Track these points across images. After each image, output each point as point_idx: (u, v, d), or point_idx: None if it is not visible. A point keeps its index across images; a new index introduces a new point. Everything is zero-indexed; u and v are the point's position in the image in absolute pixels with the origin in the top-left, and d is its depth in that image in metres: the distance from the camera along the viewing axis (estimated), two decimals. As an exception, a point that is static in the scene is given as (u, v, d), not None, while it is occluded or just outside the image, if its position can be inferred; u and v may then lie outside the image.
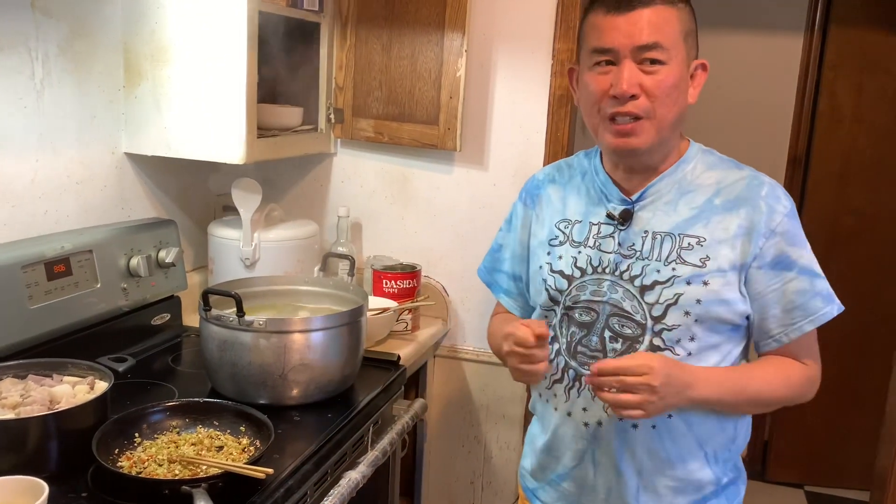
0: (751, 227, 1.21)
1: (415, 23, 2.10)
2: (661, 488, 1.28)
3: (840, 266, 3.27)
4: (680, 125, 1.25)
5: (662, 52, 1.17)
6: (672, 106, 1.20)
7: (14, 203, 1.58)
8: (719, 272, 1.20)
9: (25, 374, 1.36)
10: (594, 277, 1.28)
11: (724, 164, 1.30)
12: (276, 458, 1.32)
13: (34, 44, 1.57)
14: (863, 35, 3.08)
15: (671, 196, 1.26)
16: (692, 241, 1.22)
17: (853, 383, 3.33)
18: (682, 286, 1.21)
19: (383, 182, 2.29)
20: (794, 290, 1.22)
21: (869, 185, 3.20)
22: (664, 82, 1.18)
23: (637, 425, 1.25)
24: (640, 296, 1.23)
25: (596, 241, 1.29)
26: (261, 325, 1.51)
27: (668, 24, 1.17)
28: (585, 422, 1.28)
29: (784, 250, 1.21)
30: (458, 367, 2.30)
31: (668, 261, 1.22)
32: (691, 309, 1.20)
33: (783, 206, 1.22)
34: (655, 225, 1.25)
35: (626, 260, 1.25)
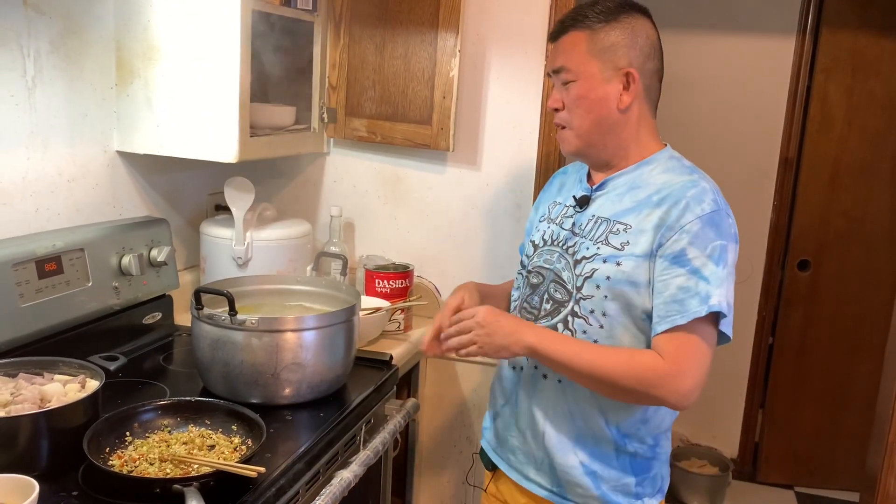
0: (665, 219, 1.31)
1: (408, 22, 2.10)
2: (563, 436, 1.42)
3: (830, 267, 3.30)
4: (610, 129, 1.39)
5: (567, 72, 1.38)
6: (585, 114, 1.38)
7: (5, 201, 1.57)
8: (632, 256, 1.33)
9: (16, 373, 1.35)
10: (549, 248, 1.47)
11: (680, 170, 1.39)
12: (267, 457, 1.32)
13: (26, 41, 1.56)
14: (854, 38, 3.10)
15: (622, 189, 1.40)
16: (620, 227, 1.36)
17: (843, 384, 3.35)
18: (599, 263, 1.36)
19: (376, 182, 2.29)
20: (678, 286, 1.28)
21: (859, 187, 3.22)
22: (573, 96, 1.38)
23: (546, 375, 1.42)
24: (573, 267, 1.40)
25: (561, 220, 1.48)
26: (253, 324, 1.50)
27: (574, 46, 1.37)
28: (513, 365, 1.50)
29: (684, 248, 1.29)
30: (450, 367, 2.30)
31: (597, 240, 1.38)
32: (601, 284, 1.35)
33: (701, 209, 1.30)
34: (602, 211, 1.41)
35: (574, 237, 1.43)
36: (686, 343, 1.28)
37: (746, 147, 3.27)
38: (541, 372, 1.44)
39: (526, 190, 2.16)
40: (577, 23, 1.38)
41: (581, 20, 1.37)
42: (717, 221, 1.30)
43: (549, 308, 1.43)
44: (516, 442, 1.50)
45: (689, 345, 1.28)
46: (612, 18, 1.36)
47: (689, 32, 3.26)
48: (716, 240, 1.29)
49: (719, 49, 3.26)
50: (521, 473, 1.50)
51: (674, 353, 1.28)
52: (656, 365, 1.28)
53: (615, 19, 1.36)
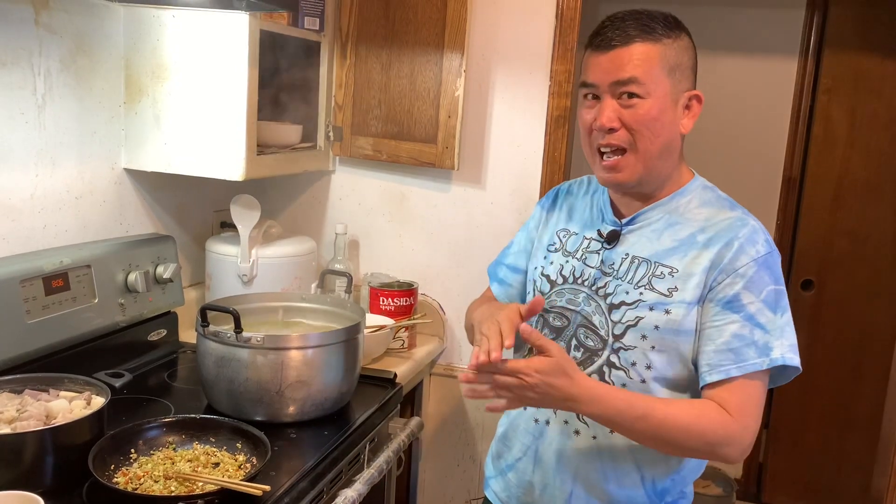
0: (717, 262, 1.21)
1: (414, 43, 2.12)
2: (592, 497, 1.31)
3: (833, 287, 3.30)
4: (670, 156, 1.27)
5: (639, 86, 1.21)
6: (654, 138, 1.23)
7: (13, 217, 1.58)
8: (682, 304, 1.22)
9: (22, 389, 1.35)
10: (573, 287, 1.34)
11: (719, 203, 1.30)
12: (272, 476, 1.32)
13: (37, 59, 1.58)
14: (857, 59, 3.12)
15: (659, 225, 1.29)
16: (665, 271, 1.25)
17: (847, 404, 3.33)
18: (644, 310, 1.24)
19: (381, 200, 2.30)
20: (732, 333, 1.19)
21: (862, 207, 3.23)
22: (643, 115, 1.21)
23: (579, 431, 1.29)
24: (608, 313, 1.28)
25: (583, 255, 1.35)
26: (258, 341, 1.51)
27: (647, 60, 1.21)
28: (536, 418, 1.35)
29: (738, 292, 1.19)
30: (455, 385, 2.30)
31: (638, 284, 1.26)
32: (648, 334, 1.23)
33: (756, 251, 1.21)
34: (637, 249, 1.29)
35: (605, 277, 1.30)
36: (748, 397, 1.19)
37: (750, 166, 3.28)
38: (572, 427, 1.30)
39: (530, 209, 2.17)
40: (645, 34, 1.21)
41: (650, 32, 1.21)
42: (771, 264, 1.22)
43: (579, 357, 1.30)
44: (532, 500, 1.38)
45: (752, 399, 1.19)
46: (677, 36, 1.24)
47: (693, 53, 3.29)
48: (770, 284, 1.20)
49: (723, 69, 3.28)
50: None
51: (738, 407, 1.18)
52: (725, 423, 1.17)
53: (680, 37, 1.24)
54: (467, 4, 2.05)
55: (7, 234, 1.57)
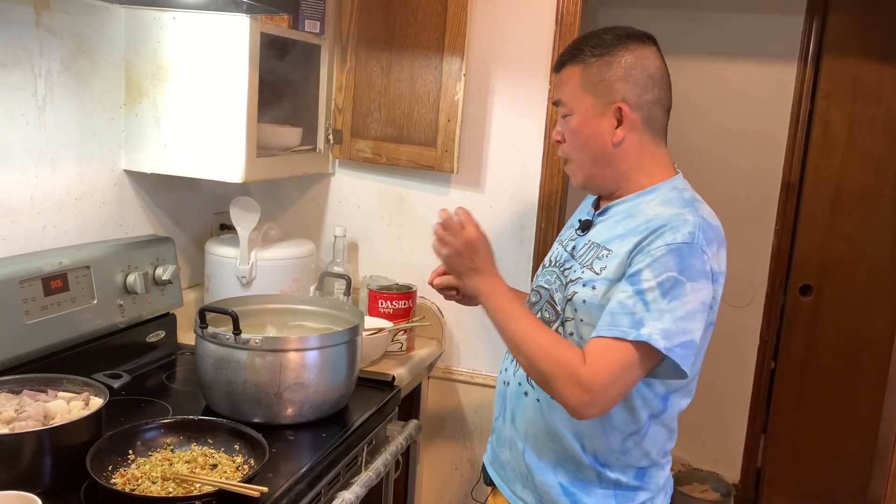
0: (639, 244, 1.29)
1: (414, 46, 2.12)
2: (543, 457, 1.43)
3: (832, 292, 3.30)
4: (608, 162, 1.39)
5: (563, 106, 1.41)
6: (581, 148, 1.40)
7: (13, 218, 1.58)
8: (606, 280, 1.32)
9: (20, 390, 1.36)
10: (550, 269, 1.50)
11: (676, 203, 1.34)
12: (270, 477, 1.32)
13: (37, 61, 1.59)
14: (856, 65, 3.12)
15: (620, 217, 1.40)
16: (603, 253, 1.37)
17: (845, 410, 3.33)
18: (579, 287, 1.37)
19: (380, 202, 2.31)
20: (618, 300, 1.26)
21: (861, 212, 3.23)
22: (570, 129, 1.41)
23: (527, 393, 1.44)
24: (564, 289, 1.41)
25: (567, 243, 1.50)
26: (257, 343, 1.51)
27: (569, 80, 1.39)
28: (505, 381, 1.52)
29: (640, 269, 1.26)
30: (453, 388, 2.30)
31: (583, 265, 1.39)
32: (578, 307, 1.36)
33: (673, 238, 1.26)
34: (596, 237, 1.42)
35: (571, 260, 1.44)
36: (606, 357, 1.23)
37: (748, 172, 3.28)
38: (523, 389, 1.45)
39: (529, 213, 2.17)
40: (572, 57, 1.39)
41: (576, 55, 1.39)
42: (685, 254, 1.25)
43: None
44: (505, 457, 1.52)
45: (609, 360, 1.23)
46: (605, 53, 1.36)
47: (692, 58, 3.29)
48: (672, 271, 1.24)
49: (722, 75, 3.29)
50: (510, 489, 1.51)
51: (592, 361, 1.23)
52: (574, 366, 1.23)
53: (609, 53, 1.36)
54: (467, 8, 2.06)
55: (6, 235, 1.57)
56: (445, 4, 2.06)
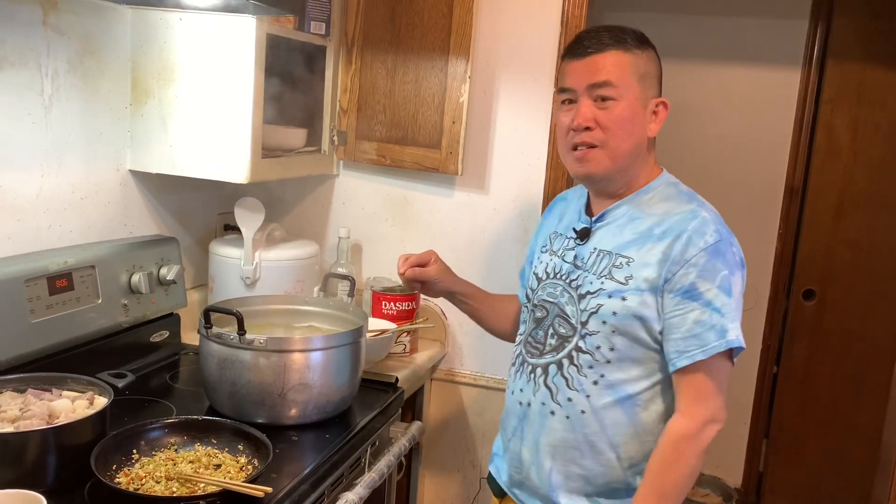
0: (669, 253, 1.31)
1: (420, 48, 2.12)
2: (570, 472, 1.41)
3: (835, 297, 3.29)
4: (639, 156, 1.39)
5: (612, 89, 1.34)
6: (626, 137, 1.35)
7: (19, 217, 1.58)
8: (637, 291, 1.32)
9: (25, 388, 1.36)
10: (552, 282, 1.47)
11: (679, 198, 1.39)
12: (273, 478, 1.32)
13: (44, 60, 1.59)
14: (860, 70, 3.12)
15: (623, 220, 1.40)
16: (623, 261, 1.36)
17: (848, 414, 3.33)
18: (604, 298, 1.35)
19: (384, 204, 2.31)
20: (694, 321, 1.30)
21: (864, 217, 3.22)
22: (616, 116, 1.34)
23: (554, 413, 1.41)
24: (578, 302, 1.39)
25: (563, 252, 1.47)
26: (261, 343, 1.51)
27: (619, 66, 1.34)
28: (520, 401, 1.48)
29: (694, 282, 1.29)
30: (456, 390, 2.30)
31: (600, 275, 1.37)
32: (608, 319, 1.35)
33: (705, 241, 1.30)
34: (603, 243, 1.40)
35: (577, 270, 1.42)
36: (708, 382, 1.30)
37: (752, 176, 3.28)
38: (548, 408, 1.42)
39: (533, 215, 2.17)
40: (617, 44, 1.35)
41: (621, 42, 1.36)
42: (722, 250, 1.31)
43: (553, 343, 1.43)
44: (521, 477, 1.49)
45: (712, 383, 1.30)
46: (645, 48, 1.38)
47: (697, 62, 3.29)
48: (723, 270, 1.30)
49: (726, 79, 3.29)
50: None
51: (693, 401, 1.31)
52: (682, 436, 1.30)
53: (647, 49, 1.38)
54: (473, 11, 2.06)
55: (12, 234, 1.57)
56: (451, 7, 2.07)
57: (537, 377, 1.44)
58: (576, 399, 1.39)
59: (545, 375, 1.43)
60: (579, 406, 1.39)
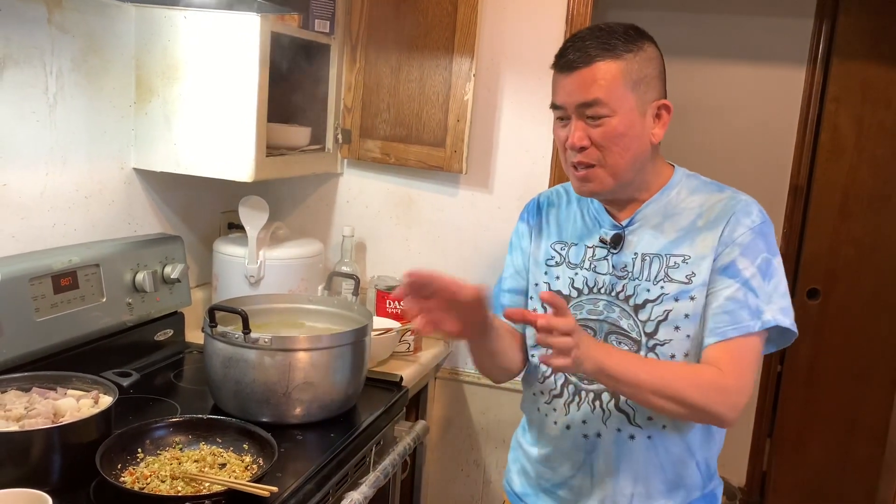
0: (721, 238, 1.28)
1: (424, 47, 2.12)
2: (653, 492, 1.35)
3: (840, 296, 3.29)
4: (642, 166, 1.31)
5: (603, 106, 1.25)
6: (623, 152, 1.27)
7: (23, 215, 1.58)
8: (703, 286, 1.27)
9: (30, 387, 1.35)
10: (590, 297, 1.36)
11: (707, 188, 1.36)
12: (278, 477, 1.31)
13: (49, 58, 1.59)
14: (865, 68, 3.11)
15: (657, 220, 1.34)
16: (678, 260, 1.30)
17: (853, 413, 3.32)
18: (670, 303, 1.28)
19: (388, 202, 2.31)
20: (727, 297, 1.26)
21: (869, 216, 3.22)
22: (609, 133, 1.26)
23: (634, 436, 1.33)
24: (635, 314, 1.31)
25: (591, 264, 1.37)
26: (266, 342, 1.51)
27: (609, 78, 1.24)
28: (585, 434, 1.36)
29: (735, 259, 1.26)
30: (459, 389, 2.30)
31: (656, 280, 1.30)
32: (681, 324, 1.28)
33: (751, 220, 1.28)
34: (645, 247, 1.33)
35: (621, 281, 1.33)
36: (742, 357, 1.25)
37: (756, 175, 3.27)
38: (627, 433, 1.33)
39: (538, 213, 2.16)
40: (606, 52, 1.24)
41: (610, 49, 1.24)
42: (767, 233, 1.29)
43: None
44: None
45: (745, 359, 1.25)
46: (639, 48, 1.26)
47: (701, 60, 3.29)
48: (763, 252, 1.27)
49: (731, 77, 3.28)
50: None
51: (732, 367, 1.24)
52: (720, 380, 1.23)
53: (641, 48, 1.27)
54: (477, 9, 2.06)
55: (17, 232, 1.57)
56: (456, 5, 2.06)
57: (605, 403, 1.33)
58: (657, 417, 1.31)
59: (615, 398, 1.32)
60: (661, 422, 1.31)
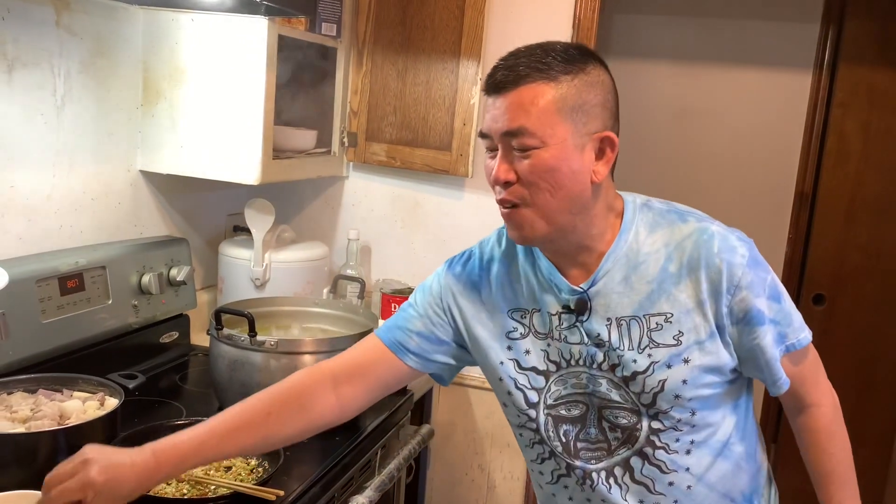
0: (712, 288, 1.11)
1: (430, 50, 2.12)
2: None
3: (845, 302, 3.28)
4: (583, 209, 1.11)
5: (530, 136, 1.05)
6: (554, 190, 1.06)
7: (30, 217, 1.58)
8: (697, 344, 1.12)
9: (36, 389, 1.36)
10: (570, 371, 1.18)
11: (666, 220, 1.16)
12: (284, 480, 1.31)
13: (57, 60, 1.59)
14: (871, 74, 3.11)
15: (622, 273, 1.14)
16: (659, 321, 1.13)
17: (859, 420, 3.30)
18: (663, 371, 1.12)
19: (394, 206, 2.30)
20: (769, 342, 1.15)
21: (875, 222, 3.21)
22: (538, 167, 1.05)
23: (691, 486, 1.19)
24: (626, 385, 1.15)
25: (560, 334, 1.17)
26: (272, 345, 1.51)
27: (539, 104, 1.05)
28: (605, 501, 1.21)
29: (752, 304, 1.12)
30: (464, 394, 2.29)
31: (640, 347, 1.13)
32: (680, 392, 1.13)
33: (741, 256, 1.12)
34: (616, 310, 1.14)
35: (599, 350, 1.15)
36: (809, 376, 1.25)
37: (762, 180, 3.27)
38: (651, 502, 1.20)
39: (543, 218, 2.16)
40: (536, 72, 1.05)
41: (543, 69, 1.05)
42: (756, 257, 1.14)
43: (620, 437, 1.18)
44: None
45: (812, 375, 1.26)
46: (580, 70, 1.06)
47: (707, 65, 3.28)
48: (766, 276, 1.15)
49: (737, 82, 3.27)
50: None
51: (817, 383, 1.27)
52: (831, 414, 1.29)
53: (583, 70, 1.07)
54: (484, 13, 2.06)
55: (24, 234, 1.57)
56: (462, 9, 2.06)
57: (619, 478, 1.19)
58: (678, 480, 1.18)
59: (629, 472, 1.18)
60: (684, 484, 1.18)
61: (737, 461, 1.23)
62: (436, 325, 1.27)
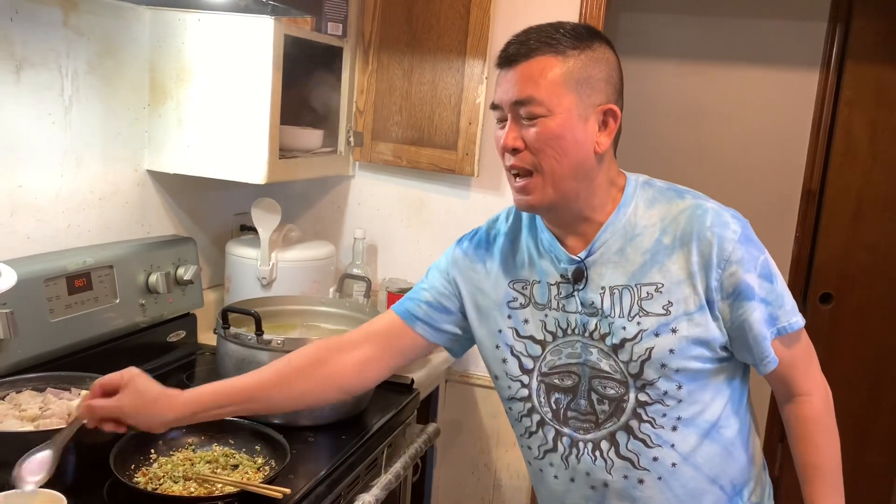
0: (703, 261, 1.15)
1: (436, 49, 2.12)
2: None
3: (853, 301, 3.26)
4: (586, 176, 1.17)
5: (538, 105, 1.12)
6: (559, 157, 1.13)
7: (38, 217, 1.59)
8: (685, 315, 1.15)
9: (44, 388, 1.37)
10: (566, 340, 1.23)
11: (665, 196, 1.22)
12: (290, 479, 1.32)
13: (65, 61, 1.60)
14: (879, 71, 3.09)
15: (618, 245, 1.19)
16: (650, 290, 1.17)
17: (865, 419, 3.30)
18: (650, 339, 1.16)
19: (400, 205, 2.31)
20: (757, 319, 1.17)
21: (883, 220, 3.19)
22: (544, 134, 1.12)
23: (643, 480, 1.21)
24: (615, 354, 1.19)
25: (559, 303, 1.23)
26: (278, 344, 1.51)
27: (547, 75, 1.12)
28: (592, 485, 1.25)
29: (741, 278, 1.15)
30: (470, 392, 2.29)
31: (630, 315, 1.17)
32: (667, 361, 1.16)
33: (732, 231, 1.16)
34: (610, 279, 1.19)
35: (592, 319, 1.20)
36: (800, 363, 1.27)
37: (769, 178, 3.26)
38: (635, 478, 1.22)
39: (549, 217, 2.16)
40: (546, 46, 1.13)
41: (552, 44, 1.13)
42: (750, 235, 1.18)
43: (608, 408, 1.21)
44: None
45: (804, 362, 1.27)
46: (586, 46, 1.14)
47: (714, 63, 3.27)
48: (759, 255, 1.18)
49: (743, 80, 3.27)
50: None
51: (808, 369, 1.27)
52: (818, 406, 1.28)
53: (589, 47, 1.15)
54: (490, 12, 2.06)
55: (32, 234, 1.58)
56: (468, 8, 2.07)
57: (605, 452, 1.22)
58: (662, 455, 1.20)
59: (614, 446, 1.21)
60: (668, 461, 1.20)
61: (726, 446, 1.25)
62: (442, 296, 1.34)
